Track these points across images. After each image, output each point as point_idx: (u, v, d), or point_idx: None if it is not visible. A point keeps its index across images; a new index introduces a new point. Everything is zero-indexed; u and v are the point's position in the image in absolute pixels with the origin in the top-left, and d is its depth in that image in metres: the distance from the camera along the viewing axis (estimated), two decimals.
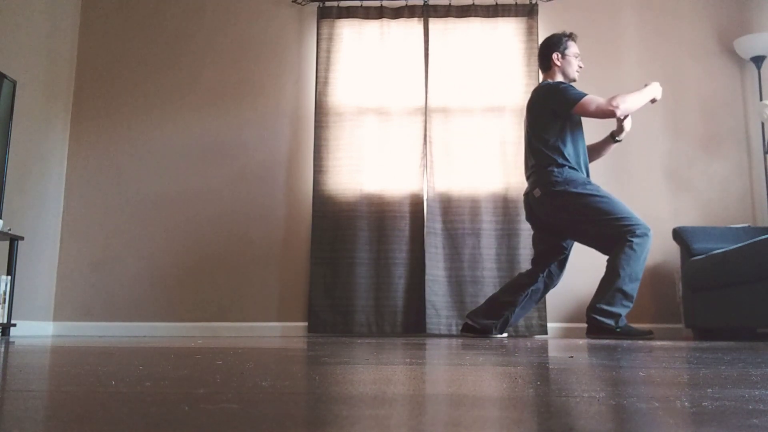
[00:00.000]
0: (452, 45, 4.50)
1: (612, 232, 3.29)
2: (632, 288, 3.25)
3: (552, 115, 3.42)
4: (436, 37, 4.51)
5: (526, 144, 3.57)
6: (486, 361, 1.42)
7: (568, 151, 3.40)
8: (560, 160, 3.37)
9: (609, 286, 3.26)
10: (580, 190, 3.33)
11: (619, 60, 4.56)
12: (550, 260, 3.52)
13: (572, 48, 3.57)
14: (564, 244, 3.52)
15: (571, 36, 3.58)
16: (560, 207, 3.37)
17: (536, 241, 3.59)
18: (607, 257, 3.44)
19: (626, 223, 3.27)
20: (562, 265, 3.55)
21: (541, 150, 3.43)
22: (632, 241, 3.24)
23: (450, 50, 4.49)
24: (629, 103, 3.33)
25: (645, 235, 3.26)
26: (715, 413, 0.62)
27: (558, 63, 3.55)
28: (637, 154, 4.45)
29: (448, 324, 4.18)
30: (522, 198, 3.82)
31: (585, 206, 3.32)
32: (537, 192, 3.43)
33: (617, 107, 3.30)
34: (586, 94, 3.37)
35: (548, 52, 3.57)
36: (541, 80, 3.69)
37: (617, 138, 3.60)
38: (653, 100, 3.43)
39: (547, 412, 0.63)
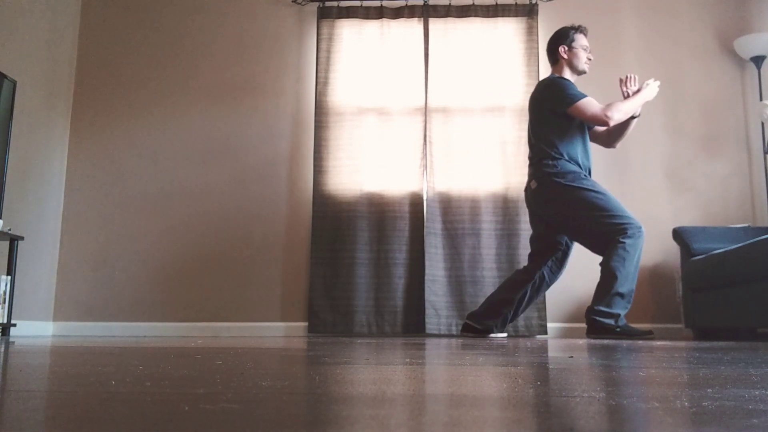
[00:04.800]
0: (452, 45, 4.50)
1: (604, 229, 3.28)
2: (630, 289, 3.26)
3: (549, 110, 3.41)
4: (436, 37, 4.51)
5: (528, 138, 3.57)
6: (486, 361, 1.42)
7: (565, 146, 3.38)
8: (554, 153, 3.37)
9: (608, 290, 3.26)
10: (576, 183, 3.32)
11: (619, 60, 4.56)
12: (546, 257, 3.50)
13: (580, 40, 3.52)
14: (560, 240, 3.49)
15: (579, 29, 3.54)
16: (554, 200, 3.37)
17: (533, 238, 3.57)
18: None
19: (618, 221, 3.25)
20: (561, 263, 3.52)
21: (537, 144, 3.44)
22: (624, 242, 3.23)
23: (450, 50, 4.49)
24: (622, 113, 3.33)
25: (636, 234, 3.25)
26: (715, 413, 0.62)
27: (564, 56, 3.51)
28: (637, 154, 4.45)
29: (447, 324, 4.18)
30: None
31: (578, 200, 3.30)
32: (533, 184, 3.44)
33: (611, 118, 3.29)
34: (585, 96, 3.35)
35: (555, 45, 3.54)
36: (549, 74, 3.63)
37: (635, 114, 3.47)
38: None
39: (547, 412, 0.63)
